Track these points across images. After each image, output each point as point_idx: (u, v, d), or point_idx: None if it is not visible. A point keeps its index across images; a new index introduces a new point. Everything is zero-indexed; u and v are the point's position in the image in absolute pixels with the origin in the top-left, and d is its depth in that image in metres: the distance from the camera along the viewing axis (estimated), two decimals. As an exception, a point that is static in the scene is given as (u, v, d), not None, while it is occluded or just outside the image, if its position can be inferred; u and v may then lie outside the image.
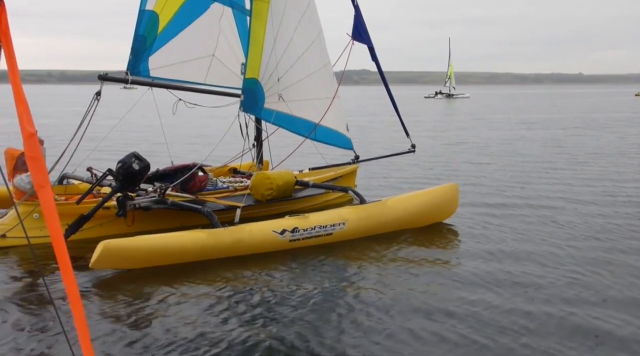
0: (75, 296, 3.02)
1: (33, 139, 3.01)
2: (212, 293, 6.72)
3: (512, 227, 9.62)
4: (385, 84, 11.60)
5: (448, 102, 74.14)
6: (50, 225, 3.01)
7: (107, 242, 7.17)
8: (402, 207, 9.47)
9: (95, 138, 9.08)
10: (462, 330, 5.66)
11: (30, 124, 3.00)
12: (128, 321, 5.96)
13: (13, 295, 6.66)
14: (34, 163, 3.01)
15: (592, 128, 31.29)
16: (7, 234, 8.17)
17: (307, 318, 5.98)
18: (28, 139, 2.99)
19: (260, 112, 10.39)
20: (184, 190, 9.26)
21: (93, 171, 9.42)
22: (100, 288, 6.96)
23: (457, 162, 17.60)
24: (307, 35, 10.74)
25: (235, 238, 7.99)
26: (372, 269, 7.63)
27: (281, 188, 9.50)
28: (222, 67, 10.69)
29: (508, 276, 7.26)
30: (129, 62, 9.80)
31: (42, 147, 8.45)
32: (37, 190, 3.04)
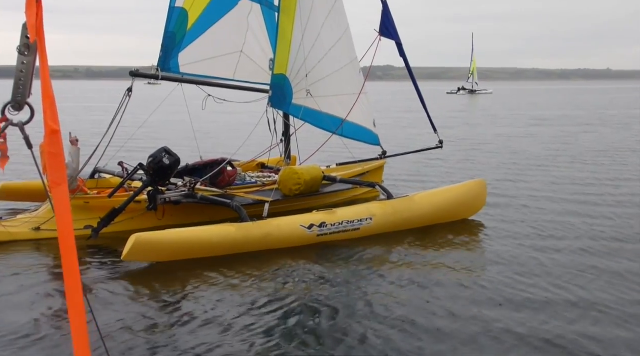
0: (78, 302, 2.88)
1: (56, 136, 3.02)
2: (240, 287, 6.80)
3: (541, 224, 9.56)
4: (413, 80, 11.59)
5: (470, 98, 73.39)
6: (60, 225, 2.94)
7: (138, 235, 7.29)
8: (430, 202, 9.47)
9: (124, 133, 9.19)
10: (487, 328, 5.64)
11: (55, 121, 3.02)
12: (157, 313, 6.06)
13: (44, 286, 6.79)
14: (54, 160, 3.00)
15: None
16: (41, 227, 8.34)
17: (333, 312, 6.02)
18: (51, 135, 2.99)
19: (288, 108, 10.46)
20: (213, 184, 9.37)
21: (124, 165, 9.55)
22: (131, 280, 7.07)
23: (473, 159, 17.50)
24: (334, 31, 10.78)
25: (263, 233, 8.06)
26: (399, 264, 7.65)
27: (309, 184, 9.56)
28: (250, 63, 10.78)
29: (537, 275, 7.21)
30: (160, 59, 9.93)
31: (77, 147, 8.61)
32: (53, 188, 3.00)
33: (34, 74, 3.56)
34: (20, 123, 3.45)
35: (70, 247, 2.89)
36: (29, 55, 3.49)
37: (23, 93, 3.49)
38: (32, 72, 3.53)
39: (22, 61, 3.50)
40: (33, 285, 6.79)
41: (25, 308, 6.08)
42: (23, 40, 3.48)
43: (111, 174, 9.78)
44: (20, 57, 3.51)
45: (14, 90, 3.50)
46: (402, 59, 11.44)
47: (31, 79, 3.51)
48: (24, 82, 3.50)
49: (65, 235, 2.90)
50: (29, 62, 3.49)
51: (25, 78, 3.51)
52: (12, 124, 3.47)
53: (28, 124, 3.44)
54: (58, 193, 2.98)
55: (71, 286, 2.83)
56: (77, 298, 2.86)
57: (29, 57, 3.49)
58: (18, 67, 3.51)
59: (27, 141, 3.47)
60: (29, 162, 3.89)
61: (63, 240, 2.89)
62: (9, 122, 3.47)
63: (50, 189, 2.94)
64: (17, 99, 3.48)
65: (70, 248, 2.88)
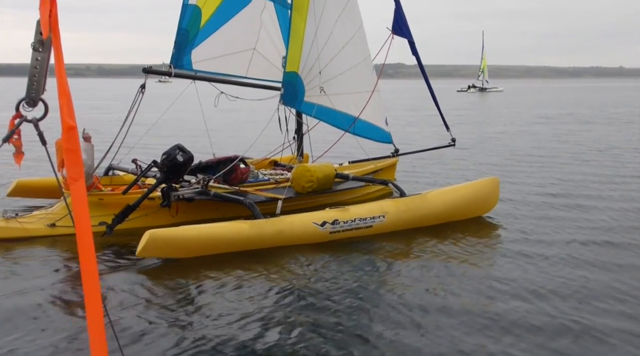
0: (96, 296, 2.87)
1: (73, 132, 3.00)
2: (252, 283, 6.77)
3: (554, 222, 9.47)
4: (425, 79, 11.50)
5: (480, 96, 72.83)
6: (78, 220, 2.91)
7: (152, 232, 7.29)
8: (442, 200, 9.40)
9: (136, 131, 9.19)
10: (501, 326, 5.58)
11: (71, 117, 2.99)
12: (170, 308, 6.06)
13: (60, 281, 6.82)
14: (71, 155, 2.98)
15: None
16: (56, 223, 8.36)
17: (344, 309, 5.97)
18: (68, 131, 2.97)
19: (300, 105, 10.41)
20: (226, 181, 9.35)
21: (138, 162, 9.56)
22: (145, 276, 7.07)
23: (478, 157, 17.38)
24: (347, 29, 10.71)
25: (276, 229, 8.04)
26: (411, 262, 7.60)
27: (321, 181, 9.51)
28: (263, 60, 10.73)
29: (549, 272, 7.14)
30: (172, 56, 9.91)
31: (90, 143, 8.62)
32: (71, 183, 2.97)
33: (47, 70, 3.53)
34: (35, 119, 3.42)
35: (88, 243, 2.86)
36: (42, 52, 3.46)
37: (37, 90, 3.46)
38: (46, 68, 3.50)
39: (36, 57, 3.47)
40: (49, 281, 6.80)
41: (42, 303, 6.09)
42: (37, 37, 3.45)
43: (125, 171, 9.79)
44: (34, 54, 3.49)
45: (28, 86, 3.48)
46: (414, 57, 11.36)
47: (45, 75, 3.48)
48: (38, 79, 3.47)
49: (83, 231, 2.87)
50: (43, 59, 3.46)
51: (39, 74, 3.48)
52: (26, 120, 3.44)
53: (42, 120, 3.41)
54: (76, 188, 2.95)
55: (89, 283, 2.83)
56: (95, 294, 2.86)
57: (43, 54, 3.47)
58: (32, 64, 3.49)
59: (41, 137, 3.44)
60: (44, 158, 3.85)
61: (81, 236, 2.87)
62: (23, 118, 3.45)
63: (68, 185, 2.93)
64: (31, 95, 3.45)
65: (88, 245, 2.85)
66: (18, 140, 3.58)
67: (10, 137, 3.51)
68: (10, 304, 6.06)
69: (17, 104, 3.47)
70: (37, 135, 3.44)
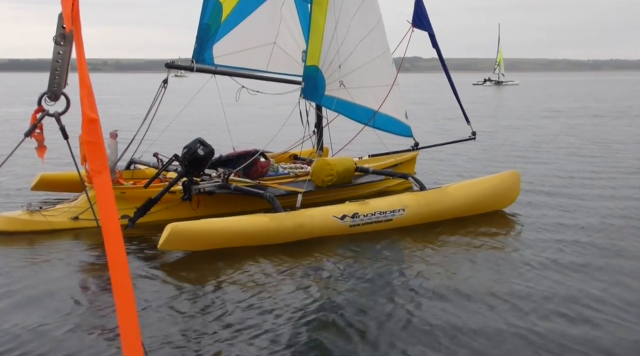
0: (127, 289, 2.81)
1: (94, 125, 2.95)
2: (273, 276, 6.72)
3: (575, 217, 9.30)
4: (446, 72, 11.34)
5: (496, 89, 71.81)
6: (103, 213, 2.85)
7: (174, 225, 7.27)
8: (463, 193, 9.28)
9: (154, 125, 9.18)
10: (520, 321, 5.48)
11: (93, 109, 2.95)
12: (191, 300, 6.04)
13: (82, 274, 6.83)
14: (93, 148, 2.93)
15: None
16: (79, 217, 8.38)
17: (365, 303, 5.90)
18: (89, 124, 2.93)
19: (320, 99, 10.34)
20: (246, 175, 9.31)
21: (159, 156, 9.55)
22: (166, 269, 7.06)
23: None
24: (366, 22, 10.62)
25: (296, 223, 7.98)
26: (431, 256, 7.49)
27: (341, 175, 9.44)
28: (283, 54, 10.66)
29: (569, 266, 7.01)
30: (194, 51, 9.89)
31: (115, 140, 8.61)
32: (94, 176, 2.92)
33: (69, 64, 3.49)
34: (57, 113, 3.39)
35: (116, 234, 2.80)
36: (64, 45, 3.42)
37: (59, 84, 3.43)
38: (68, 62, 3.46)
39: (58, 51, 3.44)
40: (72, 272, 6.82)
41: (66, 295, 6.11)
42: (59, 30, 3.42)
43: (146, 165, 9.78)
44: (56, 47, 3.45)
45: (50, 80, 3.45)
46: (434, 50, 11.22)
47: (67, 69, 3.44)
48: (59, 72, 3.43)
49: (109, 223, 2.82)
50: (65, 52, 3.42)
51: (61, 68, 3.44)
52: (48, 114, 3.41)
53: (64, 114, 3.37)
54: (99, 181, 2.89)
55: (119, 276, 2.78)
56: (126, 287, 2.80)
57: (65, 47, 3.43)
58: (54, 57, 3.45)
59: (63, 131, 3.40)
60: (67, 152, 3.82)
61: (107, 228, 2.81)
62: (46, 112, 3.41)
63: (91, 178, 2.89)
64: (53, 89, 3.42)
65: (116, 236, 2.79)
66: (40, 134, 3.55)
67: (33, 131, 3.49)
68: (35, 295, 6.07)
69: (39, 98, 3.44)
70: (59, 129, 3.40)
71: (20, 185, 11.25)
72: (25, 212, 8.40)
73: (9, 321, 5.43)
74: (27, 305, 5.84)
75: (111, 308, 5.81)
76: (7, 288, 6.26)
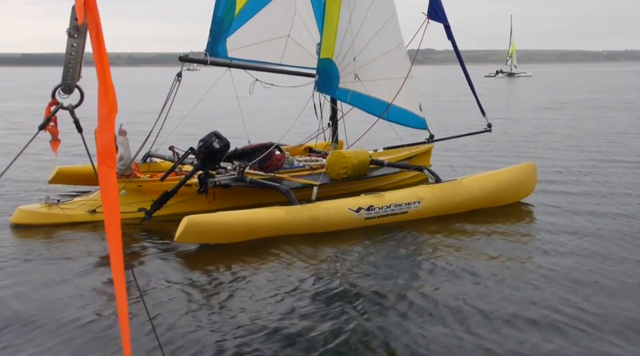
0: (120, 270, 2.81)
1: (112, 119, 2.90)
2: (288, 269, 6.67)
3: (591, 208, 9.16)
4: (461, 63, 11.18)
5: (508, 81, 70.88)
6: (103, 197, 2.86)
7: (190, 217, 7.23)
8: (478, 186, 9.15)
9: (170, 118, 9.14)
10: (536, 315, 5.36)
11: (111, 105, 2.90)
12: (207, 293, 6.01)
13: (98, 267, 6.80)
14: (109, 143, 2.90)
15: None
16: (97, 209, 8.37)
17: (379, 296, 5.83)
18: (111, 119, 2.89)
19: (334, 92, 10.25)
20: (261, 168, 9.26)
21: (175, 150, 9.52)
22: (183, 261, 7.03)
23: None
24: (381, 15, 10.50)
25: (312, 215, 7.92)
26: (447, 249, 7.39)
27: (356, 167, 9.36)
28: (297, 47, 10.57)
29: (585, 259, 6.88)
30: (208, 44, 9.83)
31: (126, 137, 8.58)
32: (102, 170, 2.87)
33: (83, 57, 3.42)
34: (70, 106, 3.32)
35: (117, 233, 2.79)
36: (78, 38, 3.35)
37: (73, 76, 3.35)
38: (82, 54, 3.39)
39: (71, 44, 3.36)
40: (89, 264, 6.82)
41: (82, 286, 6.11)
42: (72, 23, 3.34)
43: (162, 158, 9.76)
44: (70, 40, 3.38)
45: (63, 73, 3.37)
46: (447, 42, 11.07)
47: (81, 62, 3.37)
48: (73, 65, 3.36)
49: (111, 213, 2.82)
50: (79, 45, 3.35)
51: (75, 61, 3.37)
52: (62, 107, 3.34)
53: (78, 108, 3.31)
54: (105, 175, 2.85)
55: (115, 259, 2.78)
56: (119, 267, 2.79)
57: (78, 40, 3.35)
58: (67, 50, 3.38)
59: (77, 124, 3.34)
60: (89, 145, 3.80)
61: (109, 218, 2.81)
62: (59, 105, 3.35)
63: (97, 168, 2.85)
64: (67, 82, 3.34)
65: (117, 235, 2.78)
66: (54, 127, 3.48)
67: (47, 124, 3.42)
68: (53, 286, 6.09)
69: (53, 91, 3.37)
70: (73, 122, 3.34)
71: (38, 178, 11.28)
72: (44, 205, 8.42)
73: (28, 310, 5.46)
74: (46, 295, 5.85)
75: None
76: (26, 278, 6.30)
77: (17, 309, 5.52)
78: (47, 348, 4.77)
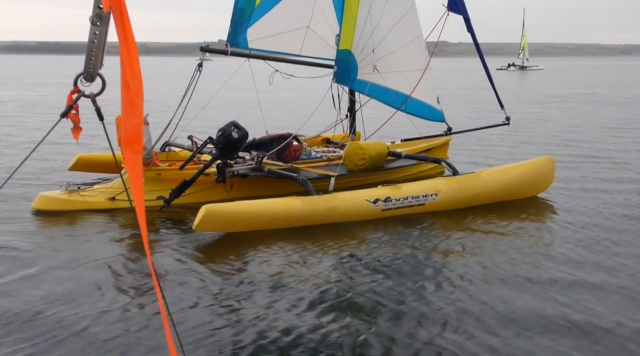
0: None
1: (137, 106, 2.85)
2: (305, 259, 6.60)
3: (610, 203, 8.98)
4: (480, 56, 11.00)
5: (519, 74, 69.91)
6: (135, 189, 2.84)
7: (209, 206, 7.18)
8: (496, 179, 9.01)
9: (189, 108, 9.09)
10: (553, 310, 5.25)
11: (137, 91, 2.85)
12: (224, 281, 5.96)
13: (117, 254, 6.77)
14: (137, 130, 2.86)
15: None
16: (116, 197, 8.35)
17: (396, 288, 5.74)
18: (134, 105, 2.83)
19: (352, 83, 10.14)
20: (279, 158, 9.19)
21: (193, 139, 9.47)
22: (200, 249, 6.99)
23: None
24: (400, 7, 10.37)
25: (329, 206, 7.83)
26: (463, 241, 7.27)
27: (374, 159, 9.25)
28: (317, 38, 10.43)
29: (603, 254, 6.74)
30: (229, 34, 9.74)
31: (147, 127, 8.53)
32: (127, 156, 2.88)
33: (105, 45, 3.36)
34: (92, 94, 3.26)
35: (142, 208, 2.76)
36: (101, 26, 3.28)
37: (95, 65, 3.30)
38: (104, 42, 3.33)
39: (94, 31, 3.31)
40: (108, 251, 6.80)
41: (102, 271, 6.13)
42: (95, 11, 3.28)
43: (181, 147, 9.72)
44: (93, 28, 3.33)
45: (86, 61, 3.33)
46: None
47: (103, 50, 3.31)
48: (95, 53, 3.30)
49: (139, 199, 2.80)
50: (101, 33, 3.29)
51: (97, 49, 3.31)
52: (84, 95, 3.29)
53: (99, 96, 3.25)
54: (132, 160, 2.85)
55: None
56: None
57: (101, 28, 3.29)
58: (90, 38, 3.32)
59: (98, 113, 3.28)
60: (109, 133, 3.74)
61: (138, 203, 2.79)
62: (81, 93, 3.29)
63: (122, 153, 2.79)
64: (89, 70, 3.29)
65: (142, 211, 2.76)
66: (76, 115, 3.44)
67: (68, 112, 3.37)
68: (74, 272, 6.09)
69: (75, 79, 3.32)
70: (95, 110, 3.29)
71: (59, 165, 11.30)
72: (64, 192, 8.41)
73: (50, 294, 5.47)
74: (66, 280, 5.86)
75: (144, 283, 5.85)
76: (47, 263, 6.31)
77: (35, 294, 5.50)
78: (62, 338, 4.73)
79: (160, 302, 2.91)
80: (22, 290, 5.60)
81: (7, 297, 5.43)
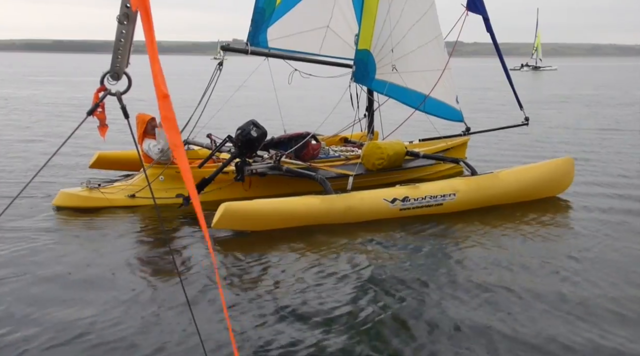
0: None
1: (167, 100, 2.89)
2: (322, 258, 6.58)
3: (630, 205, 8.86)
4: (499, 56, 10.91)
5: (532, 75, 69.22)
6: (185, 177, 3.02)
7: (228, 204, 7.19)
8: (515, 179, 8.93)
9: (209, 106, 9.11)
10: (568, 310, 5.21)
11: (165, 85, 2.85)
12: (242, 278, 5.98)
13: (138, 250, 6.82)
14: (167, 123, 2.90)
15: None
16: (136, 194, 8.38)
17: (413, 287, 5.72)
18: (163, 99, 2.87)
19: (371, 83, 10.11)
20: (297, 157, 9.18)
21: (212, 137, 9.48)
22: (219, 247, 7.00)
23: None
24: (419, 6, 10.30)
25: (347, 205, 7.81)
26: (481, 242, 7.20)
27: (392, 158, 9.22)
28: (336, 38, 10.43)
29: (625, 256, 6.66)
30: (249, 34, 9.77)
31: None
32: (172, 149, 2.97)
33: (132, 43, 3.37)
34: (118, 92, 3.27)
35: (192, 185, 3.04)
36: (128, 25, 3.29)
37: (121, 63, 3.30)
38: (131, 41, 3.33)
39: (121, 30, 3.31)
40: (129, 247, 6.86)
41: (121, 268, 6.15)
42: (123, 9, 3.28)
43: (200, 146, 9.74)
44: (120, 26, 3.33)
45: (112, 59, 3.33)
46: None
47: (129, 49, 3.31)
48: (122, 52, 3.31)
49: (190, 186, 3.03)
50: (128, 31, 3.29)
51: (124, 47, 3.31)
52: (110, 94, 3.29)
53: (125, 94, 3.26)
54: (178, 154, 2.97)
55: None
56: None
57: (128, 26, 3.29)
58: (117, 37, 3.33)
59: (124, 111, 3.28)
60: (123, 130, 3.75)
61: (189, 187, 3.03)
62: (107, 91, 3.30)
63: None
64: (116, 69, 3.29)
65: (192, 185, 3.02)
66: (102, 113, 3.44)
67: (95, 110, 3.37)
68: (93, 268, 6.13)
69: (102, 77, 3.32)
70: (120, 108, 3.29)
71: (79, 163, 11.37)
72: (85, 189, 8.46)
73: (70, 289, 5.54)
74: (87, 276, 5.90)
75: (165, 279, 5.87)
76: (69, 259, 6.38)
77: (54, 290, 5.54)
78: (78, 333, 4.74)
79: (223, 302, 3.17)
80: (42, 285, 5.64)
81: (27, 293, 5.46)
